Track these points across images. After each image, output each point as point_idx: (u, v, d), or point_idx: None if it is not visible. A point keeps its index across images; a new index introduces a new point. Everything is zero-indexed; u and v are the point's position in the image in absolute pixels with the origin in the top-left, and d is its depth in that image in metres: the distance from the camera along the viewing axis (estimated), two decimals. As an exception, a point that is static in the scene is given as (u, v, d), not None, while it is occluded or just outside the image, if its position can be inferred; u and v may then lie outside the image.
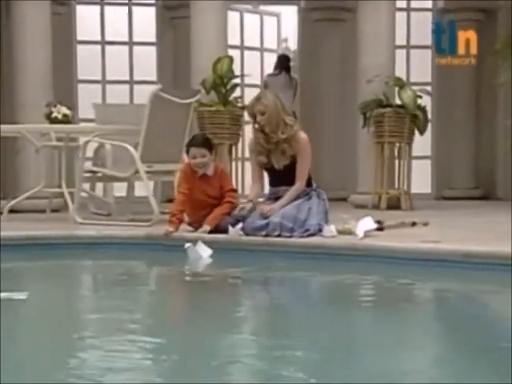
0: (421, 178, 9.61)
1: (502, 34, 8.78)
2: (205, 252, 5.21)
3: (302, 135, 5.64)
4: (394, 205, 8.19)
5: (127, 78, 10.15)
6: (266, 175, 5.87)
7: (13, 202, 7.17)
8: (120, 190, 7.54)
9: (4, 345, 3.02)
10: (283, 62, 10.62)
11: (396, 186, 8.40)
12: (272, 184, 5.76)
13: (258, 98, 5.61)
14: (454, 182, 10.26)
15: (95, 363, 2.84)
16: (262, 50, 10.78)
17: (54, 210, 7.43)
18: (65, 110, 6.90)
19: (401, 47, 9.64)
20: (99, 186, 7.95)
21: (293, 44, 17.98)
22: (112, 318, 3.60)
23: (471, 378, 2.65)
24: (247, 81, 9.86)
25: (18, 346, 3.18)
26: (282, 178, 5.60)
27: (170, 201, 7.46)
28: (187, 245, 5.24)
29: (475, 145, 10.28)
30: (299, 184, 5.55)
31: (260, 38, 10.76)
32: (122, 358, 2.89)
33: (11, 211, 7.05)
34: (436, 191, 10.37)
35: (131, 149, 6.35)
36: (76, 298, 4.47)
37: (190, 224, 5.80)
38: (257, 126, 5.59)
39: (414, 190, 8.56)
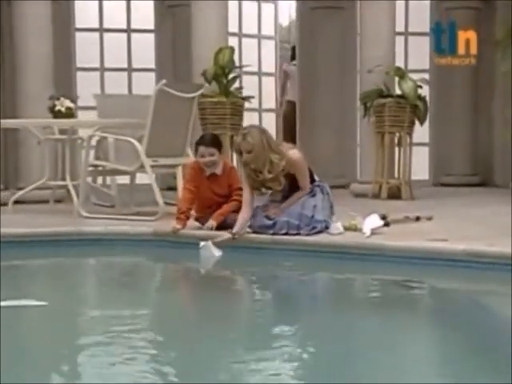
0: (418, 165, 9.61)
1: (502, 24, 8.77)
2: (218, 251, 5.26)
3: (295, 156, 5.49)
4: (395, 194, 8.22)
5: (125, 65, 10.12)
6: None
7: (19, 194, 7.16)
8: (120, 177, 7.53)
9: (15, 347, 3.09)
10: None
11: (396, 175, 8.43)
12: None
13: (243, 136, 5.39)
14: (451, 168, 10.28)
15: (105, 362, 2.97)
16: (259, 37, 10.73)
17: (56, 201, 7.43)
18: (68, 103, 6.90)
19: (399, 34, 9.61)
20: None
21: (286, 21, 18.03)
22: (125, 318, 3.67)
23: (473, 378, 2.73)
24: (244, 68, 9.81)
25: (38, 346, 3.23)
26: (285, 191, 5.60)
27: (171, 189, 7.51)
28: (202, 243, 5.29)
29: (473, 131, 10.28)
30: (303, 191, 5.55)
31: (258, 25, 10.71)
32: (131, 359, 3.00)
33: (14, 202, 7.05)
34: (434, 178, 10.39)
35: (137, 144, 6.36)
36: (90, 299, 4.52)
37: (197, 219, 5.83)
38: (243, 160, 5.43)
39: (412, 177, 8.57)
